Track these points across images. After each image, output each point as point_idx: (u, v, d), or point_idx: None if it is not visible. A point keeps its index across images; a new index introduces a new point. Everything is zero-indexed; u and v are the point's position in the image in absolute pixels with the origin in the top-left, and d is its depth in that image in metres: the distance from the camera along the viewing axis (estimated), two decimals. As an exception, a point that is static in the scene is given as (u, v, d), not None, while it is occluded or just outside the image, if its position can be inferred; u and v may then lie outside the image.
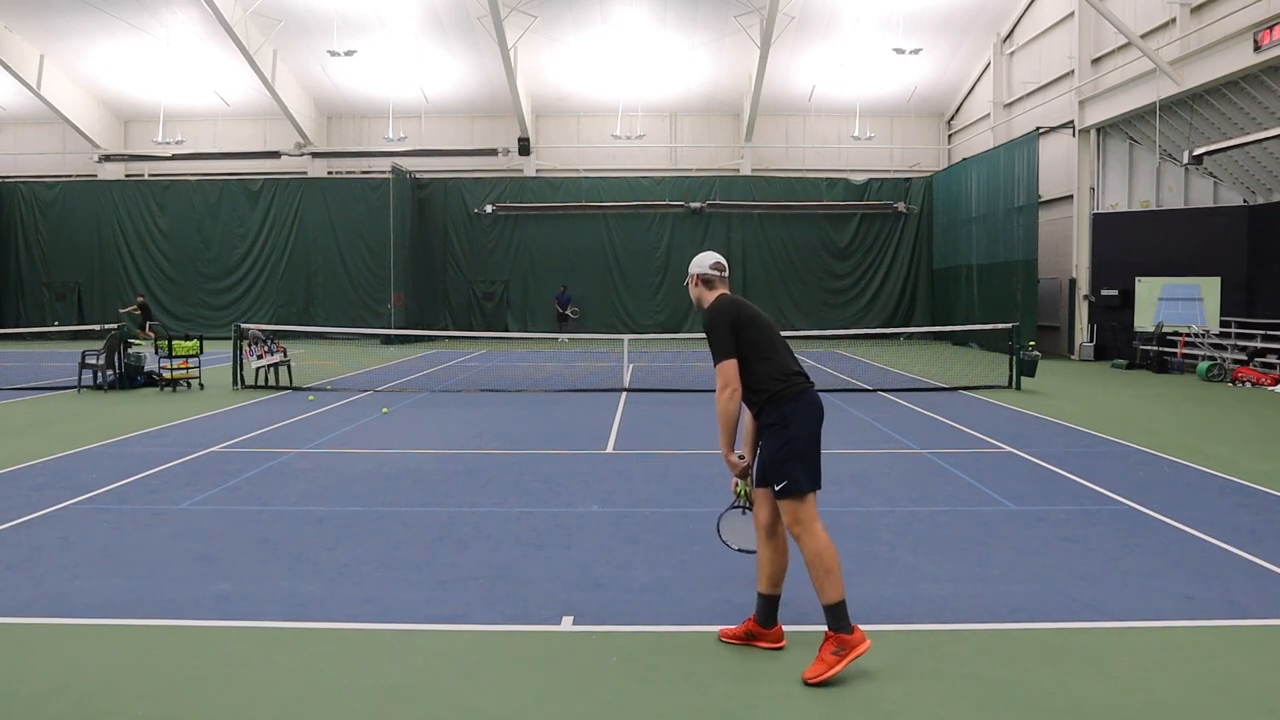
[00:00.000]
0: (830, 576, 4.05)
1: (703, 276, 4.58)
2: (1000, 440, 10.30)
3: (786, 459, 4.15)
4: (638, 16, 27.25)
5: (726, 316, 4.34)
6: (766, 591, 4.36)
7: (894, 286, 30.89)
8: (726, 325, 4.32)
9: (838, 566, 4.08)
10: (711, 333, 4.35)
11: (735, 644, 4.43)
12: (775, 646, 4.37)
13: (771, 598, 4.36)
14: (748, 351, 4.30)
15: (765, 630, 4.38)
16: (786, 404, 4.23)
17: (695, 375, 17.42)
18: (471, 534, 6.38)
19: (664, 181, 31.23)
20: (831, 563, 4.06)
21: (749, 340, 4.31)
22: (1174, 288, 19.91)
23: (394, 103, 31.25)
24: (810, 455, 4.19)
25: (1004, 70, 28.23)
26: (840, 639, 4.01)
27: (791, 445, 4.17)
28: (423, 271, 30.34)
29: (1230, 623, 4.71)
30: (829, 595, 4.05)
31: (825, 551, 4.07)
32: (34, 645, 4.41)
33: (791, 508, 4.15)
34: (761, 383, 4.27)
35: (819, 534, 4.12)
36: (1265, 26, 15.85)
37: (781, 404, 4.24)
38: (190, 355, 15.46)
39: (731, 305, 4.41)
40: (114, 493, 7.62)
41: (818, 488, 4.20)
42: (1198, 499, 7.48)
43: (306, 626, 4.65)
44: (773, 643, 4.37)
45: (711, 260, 4.61)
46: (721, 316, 4.36)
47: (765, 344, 4.33)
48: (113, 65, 30.12)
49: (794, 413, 4.22)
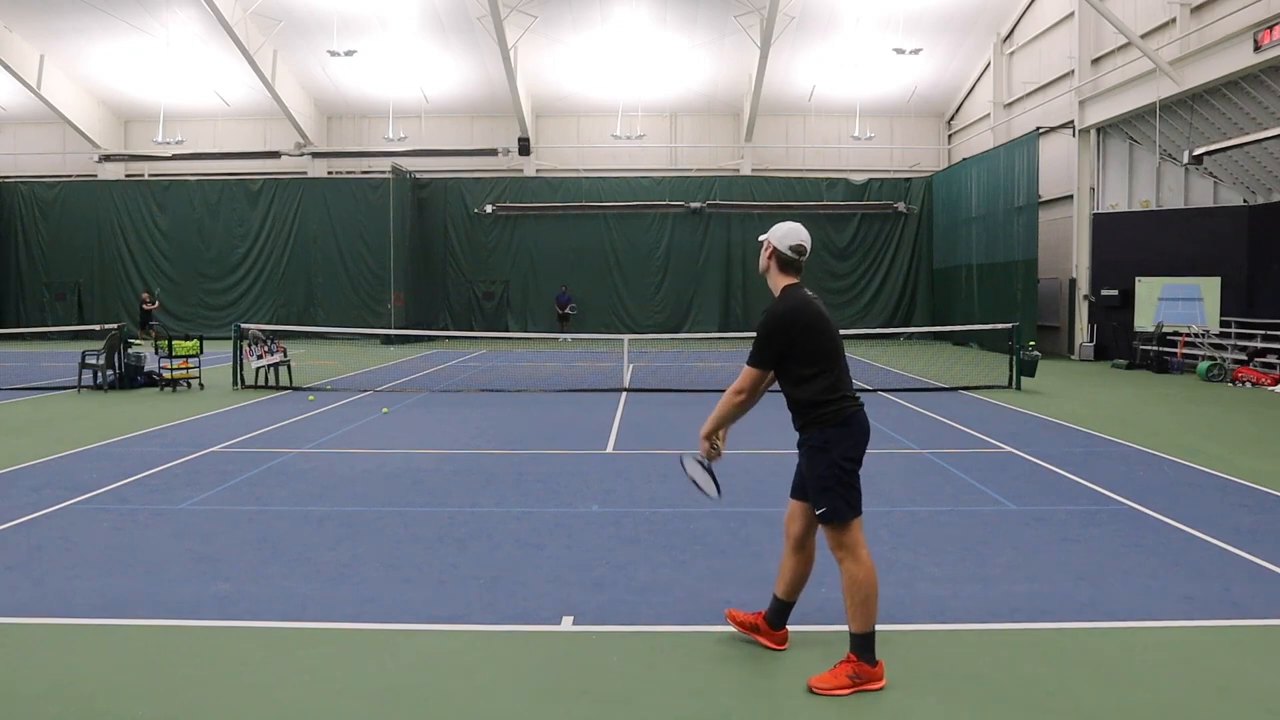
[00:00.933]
0: (865, 606, 3.90)
1: (780, 255, 4.13)
2: (1000, 440, 10.30)
3: (827, 487, 3.95)
4: (638, 16, 27.25)
5: (783, 329, 3.98)
6: (783, 596, 4.33)
7: (894, 286, 30.90)
8: (779, 337, 3.98)
9: (875, 596, 3.92)
10: (760, 334, 4.03)
11: (737, 630, 4.44)
12: (777, 647, 4.37)
13: (786, 603, 4.34)
14: (800, 361, 3.99)
15: (772, 630, 4.38)
16: (831, 427, 3.97)
17: (695, 375, 17.42)
18: (471, 534, 6.38)
19: (664, 181, 31.23)
20: (869, 592, 3.90)
21: (803, 350, 3.98)
22: (1174, 288, 19.91)
23: (394, 103, 31.25)
24: (852, 482, 3.98)
25: (1004, 70, 28.23)
26: (861, 667, 3.91)
27: (833, 472, 3.95)
28: (423, 271, 30.34)
29: (1230, 623, 4.71)
30: (859, 624, 3.92)
31: (865, 581, 3.91)
32: (34, 645, 4.41)
33: (833, 534, 3.99)
34: (809, 398, 3.99)
35: (863, 561, 3.94)
36: (1265, 26, 15.85)
37: (826, 426, 3.97)
38: (190, 355, 15.46)
39: (797, 315, 4.00)
40: (114, 493, 7.62)
41: (859, 514, 3.99)
42: (1198, 499, 7.48)
43: (307, 626, 4.65)
44: (775, 643, 4.37)
45: (797, 239, 4.13)
46: (778, 326, 3.99)
47: (822, 357, 3.99)
48: (113, 65, 30.11)
49: (838, 437, 3.96)
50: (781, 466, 5.52)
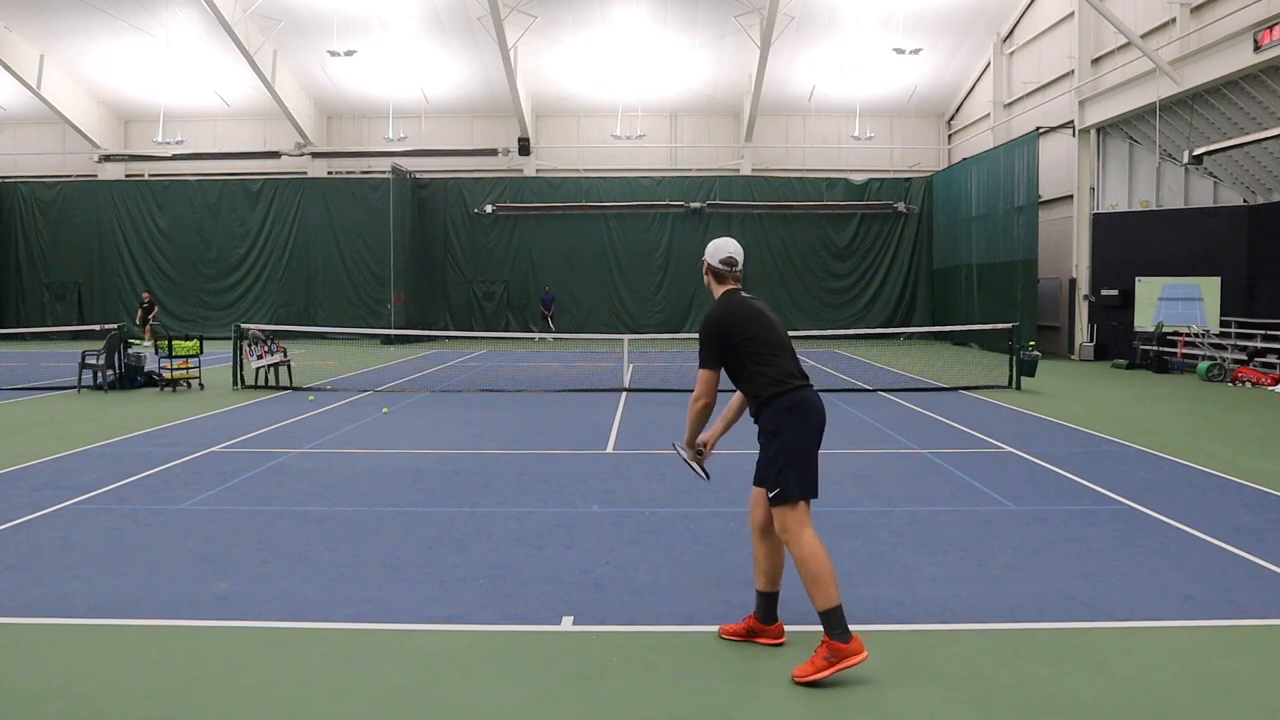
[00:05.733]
0: (818, 584, 3.99)
1: (712, 269, 4.50)
2: (1000, 440, 10.30)
3: (781, 468, 4.12)
4: (638, 16, 27.25)
5: (718, 328, 4.27)
6: (765, 589, 4.37)
7: (894, 286, 30.90)
8: (716, 336, 4.26)
9: (827, 574, 4.00)
10: (701, 338, 4.31)
11: (736, 640, 4.44)
12: (776, 643, 4.37)
13: (770, 595, 4.37)
14: (745, 355, 4.23)
15: (766, 627, 4.39)
16: (782, 412, 4.16)
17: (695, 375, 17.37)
18: (472, 534, 6.38)
19: (664, 181, 31.24)
20: (818, 570, 3.99)
21: (746, 344, 4.23)
22: (1174, 288, 19.91)
23: (394, 103, 31.25)
24: (804, 463, 4.14)
25: (1004, 70, 28.23)
26: (833, 646, 3.95)
27: (785, 454, 4.13)
28: (423, 271, 30.34)
29: (1230, 623, 4.70)
30: (818, 602, 4.01)
31: (811, 559, 4.01)
32: (34, 645, 4.41)
33: (780, 514, 4.13)
34: (758, 388, 4.22)
35: (806, 541, 4.05)
36: (1265, 26, 15.85)
37: (777, 411, 4.17)
38: (190, 355, 15.46)
39: (727, 313, 4.31)
40: (114, 493, 7.62)
41: (811, 496, 4.14)
42: (1198, 499, 7.48)
43: (307, 627, 4.65)
44: (773, 639, 4.38)
45: (725, 253, 4.47)
46: (713, 327, 4.29)
47: (764, 347, 4.24)
48: (113, 65, 30.11)
49: (788, 420, 4.15)
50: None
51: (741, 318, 4.28)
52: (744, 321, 4.27)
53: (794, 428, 4.15)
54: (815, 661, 3.97)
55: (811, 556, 4.02)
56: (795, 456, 4.12)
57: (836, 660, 3.93)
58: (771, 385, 4.19)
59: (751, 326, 4.26)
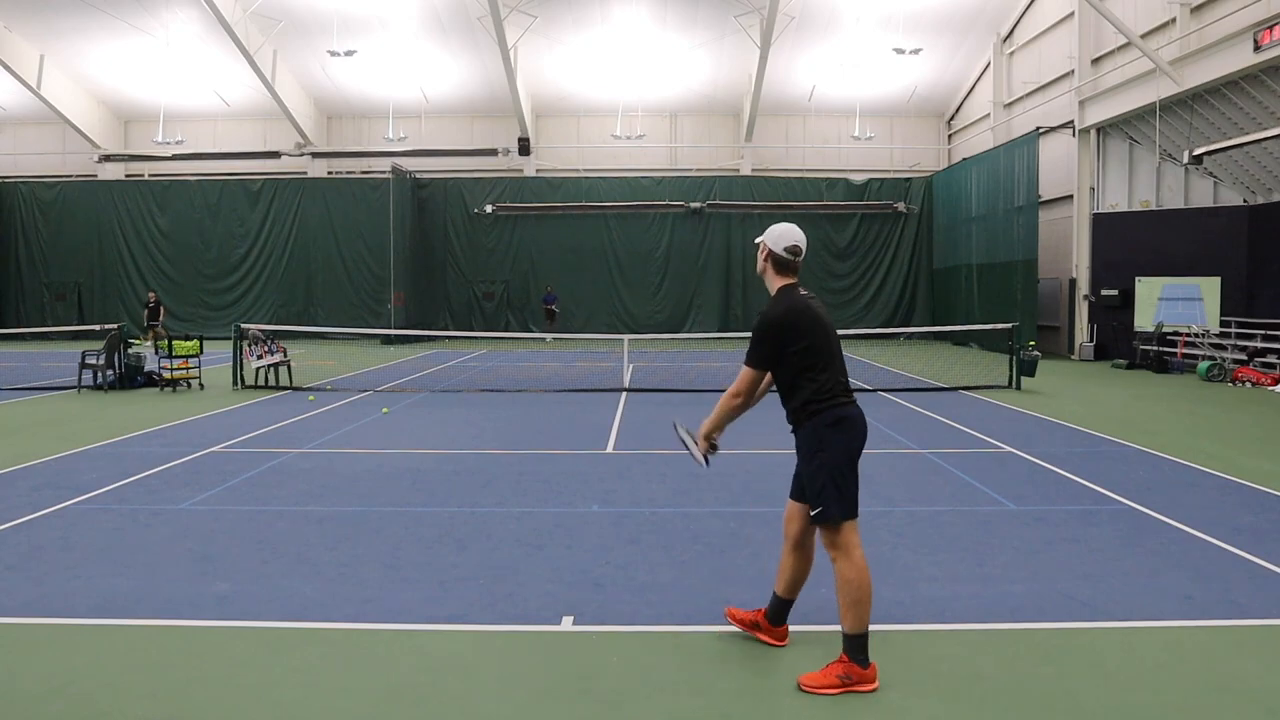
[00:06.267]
0: (858, 607, 3.89)
1: (775, 257, 4.16)
2: (1000, 440, 10.30)
3: (821, 486, 3.97)
4: (638, 16, 27.25)
5: (777, 329, 4.01)
6: (782, 594, 4.34)
7: (894, 286, 30.90)
8: (774, 338, 4.01)
9: (868, 599, 3.91)
10: (755, 335, 4.06)
11: (738, 627, 4.45)
12: (777, 644, 4.38)
13: (786, 600, 4.36)
14: (797, 363, 4.00)
15: (772, 627, 4.39)
16: (824, 427, 3.98)
17: (695, 375, 17.41)
18: (472, 534, 6.38)
19: (664, 181, 31.23)
20: (861, 594, 3.89)
21: (798, 352, 3.99)
22: (1174, 288, 19.92)
23: (394, 103, 31.25)
24: (845, 482, 3.97)
25: (1004, 70, 28.23)
26: (851, 668, 3.89)
27: (826, 472, 3.96)
28: (423, 271, 30.34)
29: (1230, 623, 4.71)
30: (851, 624, 3.92)
31: (856, 582, 3.90)
32: (34, 645, 4.41)
33: (827, 534, 4.02)
34: (804, 398, 4.02)
35: (855, 562, 3.93)
36: (1265, 26, 15.85)
37: (819, 426, 3.99)
38: (190, 355, 15.46)
39: (790, 315, 4.03)
40: (114, 493, 7.62)
41: (851, 516, 3.98)
42: (1198, 499, 7.48)
43: (306, 626, 4.65)
44: (776, 640, 4.39)
45: (791, 240, 4.13)
46: (771, 328, 4.02)
47: (816, 357, 4.00)
48: (113, 65, 30.11)
49: (831, 437, 3.98)
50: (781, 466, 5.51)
51: (802, 324, 4.02)
52: (804, 328, 4.01)
53: (837, 446, 3.98)
54: (828, 676, 3.91)
55: (859, 579, 3.91)
56: (837, 475, 3.96)
57: (850, 684, 3.88)
58: (817, 397, 3.99)
59: (810, 334, 4.01)
